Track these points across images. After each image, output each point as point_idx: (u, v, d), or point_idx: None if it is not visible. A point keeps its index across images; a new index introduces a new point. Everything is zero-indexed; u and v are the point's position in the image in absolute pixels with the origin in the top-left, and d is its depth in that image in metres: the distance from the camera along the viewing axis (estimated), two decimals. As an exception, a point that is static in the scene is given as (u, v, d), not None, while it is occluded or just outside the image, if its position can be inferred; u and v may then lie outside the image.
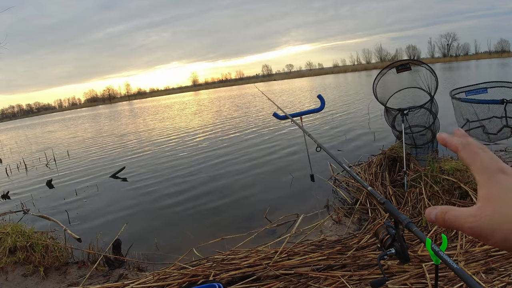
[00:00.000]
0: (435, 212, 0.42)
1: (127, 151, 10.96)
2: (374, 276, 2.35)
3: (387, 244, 1.23)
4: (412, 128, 6.25)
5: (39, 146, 16.24)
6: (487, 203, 0.38)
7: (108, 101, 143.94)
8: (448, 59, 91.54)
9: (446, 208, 0.42)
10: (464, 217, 0.39)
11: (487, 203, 0.38)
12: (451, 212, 0.41)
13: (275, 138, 9.71)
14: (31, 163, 11.20)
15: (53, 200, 6.44)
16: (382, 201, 1.33)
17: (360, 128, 9.46)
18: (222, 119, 16.94)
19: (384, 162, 4.72)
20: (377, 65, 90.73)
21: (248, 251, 2.99)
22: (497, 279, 2.16)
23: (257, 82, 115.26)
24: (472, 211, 0.39)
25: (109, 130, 19.65)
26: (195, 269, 2.73)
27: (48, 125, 37.61)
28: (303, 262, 2.64)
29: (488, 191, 0.38)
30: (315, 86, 39.86)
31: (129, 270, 3.46)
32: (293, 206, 4.53)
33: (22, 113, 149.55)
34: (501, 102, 4.95)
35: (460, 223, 0.40)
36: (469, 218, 0.39)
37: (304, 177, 5.60)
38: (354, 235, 3.34)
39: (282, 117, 3.78)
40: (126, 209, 5.47)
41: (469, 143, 0.42)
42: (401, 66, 5.91)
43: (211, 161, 7.87)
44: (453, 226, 0.41)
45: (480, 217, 0.38)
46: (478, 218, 0.38)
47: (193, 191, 5.88)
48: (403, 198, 3.98)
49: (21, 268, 3.60)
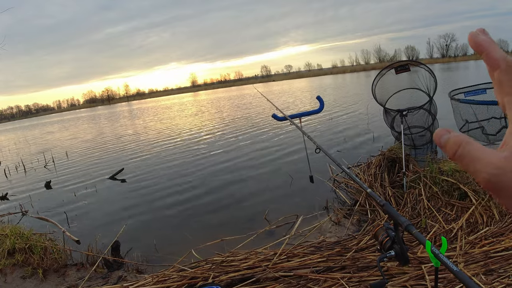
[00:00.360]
0: (448, 137, 0.32)
1: (125, 153, 10.95)
2: (374, 278, 2.35)
3: (387, 246, 1.23)
4: (411, 129, 6.26)
5: (38, 148, 16.22)
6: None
7: (107, 102, 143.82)
8: (446, 59, 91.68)
9: (462, 139, 0.32)
10: (485, 162, 0.30)
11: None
12: (468, 147, 0.31)
13: (274, 140, 9.71)
14: (30, 164, 11.18)
15: (52, 202, 6.42)
16: (381, 203, 1.33)
17: (359, 129, 9.46)
18: (221, 120, 16.95)
19: (383, 163, 4.72)
20: (376, 66, 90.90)
21: (247, 253, 2.98)
22: (496, 280, 2.16)
23: (256, 83, 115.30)
24: (497, 159, 0.30)
25: (107, 131, 19.64)
26: (194, 271, 2.72)
27: (47, 126, 37.57)
28: (303, 264, 2.63)
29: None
30: (315, 87, 39.89)
31: (128, 272, 3.45)
32: (292, 207, 4.53)
33: (20, 114, 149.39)
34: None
35: (476, 168, 0.31)
36: (490, 167, 0.30)
37: (303, 179, 5.59)
38: (354, 237, 3.33)
39: (281, 119, 3.78)
40: (124, 211, 5.46)
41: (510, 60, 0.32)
42: (400, 67, 5.91)
43: (210, 163, 7.86)
44: (464, 165, 0.32)
45: (505, 171, 0.29)
46: (503, 171, 0.29)
47: (192, 193, 5.87)
48: (402, 199, 3.98)
49: (20, 270, 3.59)
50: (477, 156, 0.31)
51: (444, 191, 3.73)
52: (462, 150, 0.31)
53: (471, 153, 0.31)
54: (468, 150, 0.31)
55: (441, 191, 3.73)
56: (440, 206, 3.58)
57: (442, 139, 0.33)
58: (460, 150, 0.32)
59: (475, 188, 3.54)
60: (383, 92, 6.31)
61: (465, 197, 3.56)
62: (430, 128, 6.17)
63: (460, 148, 0.32)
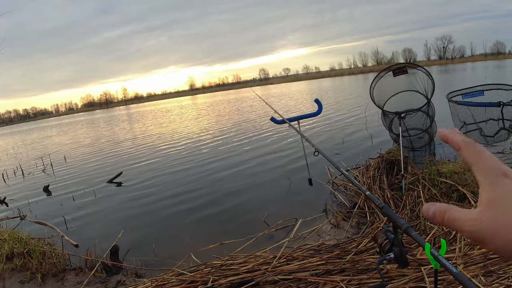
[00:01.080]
0: (434, 209, 0.41)
1: (124, 157, 10.94)
2: (373, 280, 2.35)
3: (386, 249, 1.22)
4: (409, 131, 6.27)
5: (36, 152, 16.18)
6: (489, 207, 0.37)
7: (105, 105, 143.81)
8: (444, 61, 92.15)
9: (445, 207, 0.40)
10: (464, 220, 0.38)
11: (489, 208, 0.37)
12: (450, 212, 0.40)
13: (272, 142, 9.71)
14: (28, 168, 11.15)
15: (50, 206, 6.40)
16: (380, 206, 1.33)
17: (357, 132, 9.48)
18: (219, 123, 16.95)
19: (381, 165, 4.72)
20: (374, 68, 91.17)
21: (246, 256, 2.98)
22: (496, 281, 2.16)
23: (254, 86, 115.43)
24: (473, 214, 0.38)
25: (106, 136, 19.62)
26: (193, 275, 2.71)
27: (45, 130, 37.50)
28: (302, 267, 2.63)
29: (490, 195, 0.37)
30: (314, 90, 39.97)
31: (127, 277, 3.44)
32: (291, 210, 4.52)
33: (19, 118, 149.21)
34: (497, 105, 4.97)
35: (460, 226, 0.39)
36: (469, 222, 0.38)
37: (302, 181, 5.59)
38: (353, 239, 3.33)
39: (279, 122, 3.78)
40: (123, 215, 5.45)
41: (472, 142, 0.41)
42: (397, 69, 5.93)
43: (209, 166, 7.85)
44: (451, 227, 0.40)
45: (481, 221, 0.37)
46: (479, 222, 0.37)
47: (190, 196, 5.86)
48: (401, 201, 3.99)
49: (18, 275, 3.58)
50: (458, 217, 0.39)
51: (443, 193, 3.73)
52: (447, 215, 0.40)
53: (454, 215, 0.39)
54: (451, 213, 0.40)
55: (439, 193, 3.74)
56: (439, 207, 3.58)
57: (430, 212, 0.42)
58: (446, 216, 0.40)
59: (473, 190, 3.54)
60: (381, 94, 6.32)
61: (464, 198, 3.57)
62: (428, 130, 6.18)
63: (445, 214, 0.40)
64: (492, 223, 0.36)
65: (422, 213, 0.46)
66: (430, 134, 6.25)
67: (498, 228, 0.36)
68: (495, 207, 0.37)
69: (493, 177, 0.38)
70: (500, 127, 5.13)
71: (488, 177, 0.38)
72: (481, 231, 0.37)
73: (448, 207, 0.40)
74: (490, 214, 0.37)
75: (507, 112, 5.00)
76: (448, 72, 39.04)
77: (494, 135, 5.24)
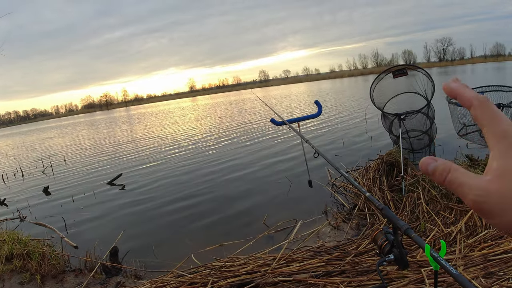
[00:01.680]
0: (435, 165, 0.36)
1: (124, 158, 10.94)
2: (373, 282, 2.34)
3: (386, 250, 1.22)
4: (409, 133, 6.27)
5: (36, 153, 16.18)
6: (500, 178, 0.33)
7: (105, 107, 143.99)
8: (444, 63, 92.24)
9: (450, 166, 0.35)
10: (470, 186, 0.34)
11: (501, 178, 0.33)
12: (456, 173, 0.35)
13: (272, 144, 9.71)
14: (28, 170, 11.14)
15: (50, 207, 6.40)
16: (380, 207, 1.33)
17: (357, 133, 9.48)
18: (219, 125, 16.95)
19: (381, 167, 4.72)
20: (374, 70, 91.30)
21: (246, 257, 2.97)
22: (496, 283, 2.16)
23: (254, 87, 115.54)
24: (481, 182, 0.33)
25: (106, 137, 19.62)
26: (193, 276, 2.71)
27: (45, 132, 37.50)
28: (302, 268, 2.63)
29: (504, 163, 0.33)
30: (314, 91, 40.00)
31: (127, 278, 3.44)
32: (291, 212, 4.52)
33: (19, 120, 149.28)
34: (497, 106, 4.97)
35: (463, 192, 0.34)
36: (476, 191, 0.33)
37: (302, 183, 5.59)
38: (353, 241, 3.33)
39: (279, 123, 3.78)
40: (123, 216, 5.44)
41: (487, 100, 0.36)
42: (397, 71, 5.94)
43: (208, 168, 7.85)
44: (453, 190, 0.35)
45: (489, 192, 0.33)
46: (487, 193, 0.33)
47: (190, 197, 5.86)
48: (401, 203, 3.98)
49: (18, 276, 3.57)
50: (464, 181, 0.34)
51: (443, 194, 3.73)
52: (451, 176, 0.35)
53: (458, 178, 0.35)
54: (455, 176, 0.35)
55: (439, 195, 3.73)
56: (439, 209, 3.58)
57: (430, 167, 0.36)
58: (449, 176, 0.35)
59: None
60: (381, 96, 6.33)
61: (464, 200, 3.56)
62: (428, 131, 6.19)
63: (449, 174, 0.35)
64: (502, 197, 0.32)
65: (420, 167, 0.38)
66: (430, 136, 6.26)
67: (508, 203, 0.32)
68: (508, 179, 0.32)
69: (508, 145, 0.33)
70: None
71: (503, 142, 0.34)
72: (488, 203, 0.33)
73: (453, 166, 0.36)
74: (500, 186, 0.33)
75: (507, 114, 5.00)
76: (448, 74, 39.08)
77: (493, 136, 5.23)
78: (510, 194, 0.32)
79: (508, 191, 0.32)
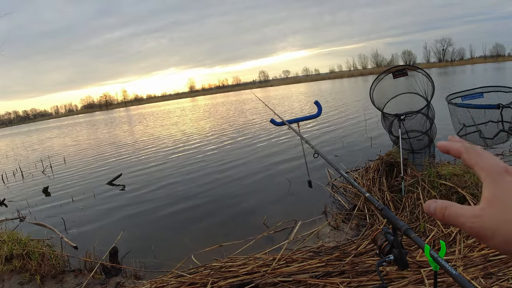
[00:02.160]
0: (435, 205, 0.42)
1: (123, 158, 10.94)
2: (373, 282, 2.34)
3: (386, 251, 1.22)
4: (409, 133, 6.27)
5: (36, 153, 16.17)
6: (490, 204, 0.38)
7: (105, 107, 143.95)
8: (443, 64, 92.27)
9: (446, 204, 0.41)
10: (466, 216, 0.39)
11: (491, 205, 0.38)
12: (452, 208, 0.40)
13: (272, 145, 9.71)
14: (27, 170, 11.14)
15: (50, 208, 6.40)
16: (380, 207, 1.33)
17: (357, 133, 9.48)
18: (219, 126, 16.95)
19: (381, 168, 4.72)
20: (373, 71, 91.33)
21: (246, 258, 2.97)
22: (495, 284, 2.16)
23: (253, 88, 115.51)
24: (475, 211, 0.38)
25: (105, 137, 19.62)
26: (193, 277, 2.71)
27: (45, 132, 37.48)
28: (302, 269, 2.63)
29: (492, 192, 0.38)
30: (315, 92, 39.97)
31: (126, 278, 3.44)
32: (291, 212, 4.52)
33: (18, 120, 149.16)
34: (497, 107, 4.97)
35: (461, 222, 0.39)
36: (471, 218, 0.38)
37: (301, 183, 5.59)
38: (353, 241, 3.33)
39: (279, 123, 3.79)
40: (122, 216, 5.44)
41: (472, 146, 0.43)
42: (397, 71, 5.94)
43: (209, 168, 7.85)
44: (453, 223, 0.40)
45: (482, 218, 0.37)
46: (480, 218, 0.38)
47: (190, 198, 5.86)
48: (401, 204, 3.98)
49: (17, 276, 3.57)
50: (460, 213, 0.40)
51: (443, 195, 3.73)
52: (448, 212, 0.41)
53: (455, 212, 0.40)
54: (452, 210, 0.40)
55: (439, 195, 3.73)
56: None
57: (431, 208, 0.42)
58: (446, 212, 0.41)
59: (473, 192, 3.54)
60: (381, 96, 6.33)
61: (464, 201, 3.56)
62: (428, 132, 6.19)
63: (446, 210, 0.41)
64: (493, 220, 0.37)
65: (424, 209, 0.44)
66: (429, 136, 6.26)
67: (499, 225, 0.36)
68: (497, 204, 0.37)
69: (496, 174, 0.39)
70: (499, 129, 5.13)
71: (491, 174, 0.39)
72: (482, 227, 0.37)
73: (449, 204, 0.41)
74: (491, 211, 0.37)
75: (506, 114, 5.01)
76: (447, 74, 39.10)
77: (493, 137, 5.24)
78: (500, 217, 0.36)
79: (498, 215, 0.37)
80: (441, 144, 0.45)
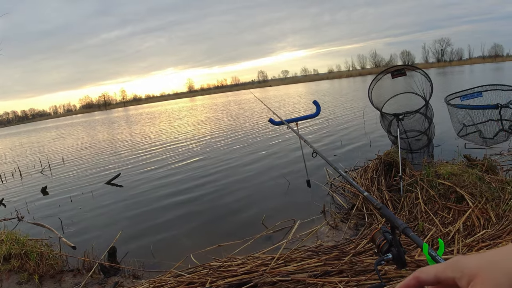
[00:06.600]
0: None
1: (122, 158, 10.92)
2: (372, 281, 2.34)
3: (384, 250, 1.22)
4: (408, 133, 6.28)
5: (34, 153, 16.14)
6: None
7: (104, 107, 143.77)
8: (442, 64, 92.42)
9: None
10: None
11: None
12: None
13: (271, 144, 9.71)
14: (26, 170, 11.12)
15: (48, 207, 6.38)
16: (378, 207, 1.33)
17: (355, 133, 9.49)
18: (218, 126, 16.95)
19: (380, 167, 4.73)
20: (372, 71, 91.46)
21: (244, 257, 2.97)
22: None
23: (252, 88, 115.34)
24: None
25: (104, 137, 19.60)
26: (192, 276, 2.71)
27: (43, 132, 37.41)
28: (300, 268, 2.63)
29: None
30: (316, 91, 40.01)
31: (125, 278, 3.43)
32: (289, 212, 4.51)
33: (17, 120, 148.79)
34: (495, 107, 4.98)
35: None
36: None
37: (300, 183, 5.59)
38: (351, 241, 3.33)
39: (278, 123, 3.79)
40: (121, 216, 5.43)
41: (419, 271, 0.46)
42: (396, 71, 5.94)
43: (207, 168, 7.85)
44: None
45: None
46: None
47: (189, 198, 5.85)
48: (399, 203, 3.99)
49: (15, 276, 3.56)
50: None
51: (441, 194, 3.73)
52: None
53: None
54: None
55: (437, 195, 3.74)
56: (437, 209, 3.59)
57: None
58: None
59: (471, 191, 3.55)
60: (379, 96, 6.34)
61: (462, 200, 3.57)
62: (427, 132, 6.20)
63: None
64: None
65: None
66: (428, 136, 6.27)
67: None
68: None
69: (458, 271, 0.42)
70: (499, 128, 5.13)
71: (457, 274, 0.42)
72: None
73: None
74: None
75: (506, 113, 5.01)
76: (446, 74, 39.16)
77: (493, 136, 5.25)
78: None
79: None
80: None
